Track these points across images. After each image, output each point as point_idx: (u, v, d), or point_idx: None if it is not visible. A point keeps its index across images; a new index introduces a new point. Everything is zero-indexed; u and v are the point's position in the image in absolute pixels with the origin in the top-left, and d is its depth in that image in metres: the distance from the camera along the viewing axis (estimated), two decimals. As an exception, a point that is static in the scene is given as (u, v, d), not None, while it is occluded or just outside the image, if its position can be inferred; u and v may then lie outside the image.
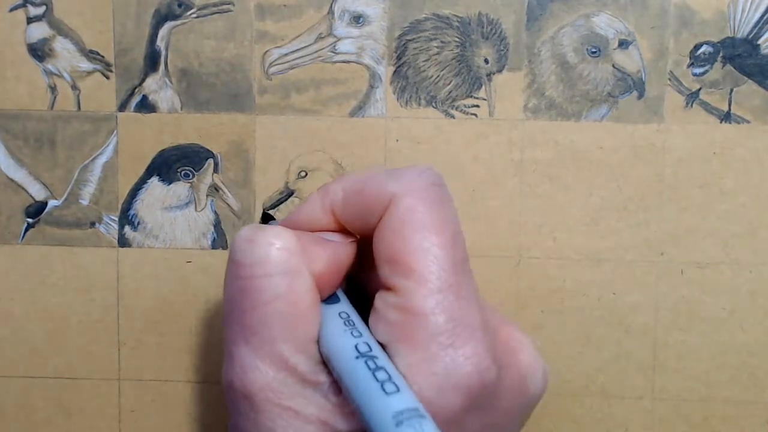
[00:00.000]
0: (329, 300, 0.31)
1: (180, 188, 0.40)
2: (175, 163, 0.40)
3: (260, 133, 0.40)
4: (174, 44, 0.40)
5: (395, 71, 0.39)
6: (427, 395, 0.28)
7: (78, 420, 0.41)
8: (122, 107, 0.40)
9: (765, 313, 0.39)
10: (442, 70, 0.39)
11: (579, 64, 0.39)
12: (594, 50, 0.39)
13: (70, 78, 0.40)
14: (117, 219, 0.40)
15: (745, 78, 0.38)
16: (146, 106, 0.40)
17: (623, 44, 0.39)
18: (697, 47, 0.38)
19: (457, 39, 0.39)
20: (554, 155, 0.39)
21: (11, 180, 0.41)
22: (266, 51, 0.39)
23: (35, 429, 0.41)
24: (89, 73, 0.40)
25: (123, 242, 0.40)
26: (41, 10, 0.40)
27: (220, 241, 0.40)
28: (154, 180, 0.40)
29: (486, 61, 0.39)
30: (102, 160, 0.40)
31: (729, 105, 0.38)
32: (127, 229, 0.40)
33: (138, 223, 0.40)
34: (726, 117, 0.38)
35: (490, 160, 0.39)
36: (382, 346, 0.29)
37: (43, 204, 0.41)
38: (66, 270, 0.41)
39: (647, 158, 0.39)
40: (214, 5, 0.39)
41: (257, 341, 0.29)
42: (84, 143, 0.40)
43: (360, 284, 0.33)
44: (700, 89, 0.39)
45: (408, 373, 0.28)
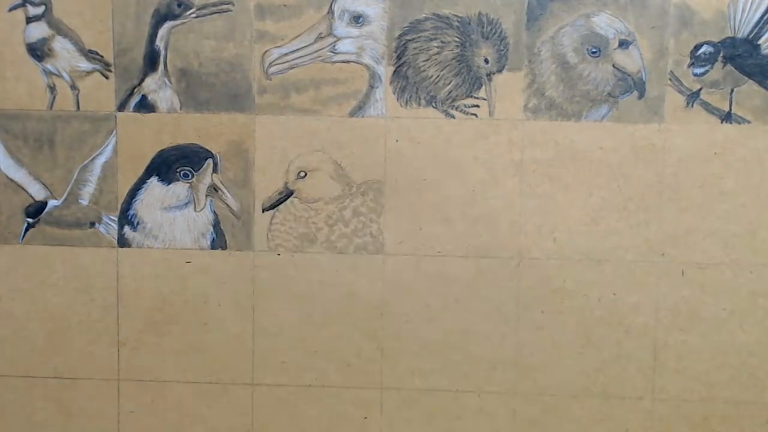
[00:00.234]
0: None
1: (179, 188, 0.40)
2: (175, 163, 0.40)
3: (260, 133, 0.40)
4: (173, 44, 0.40)
5: (395, 71, 0.39)
6: None
7: (78, 420, 0.41)
8: (121, 107, 0.40)
9: (765, 314, 0.39)
10: (442, 70, 0.39)
11: (579, 64, 0.39)
12: (594, 50, 0.39)
13: (70, 78, 0.40)
14: (116, 219, 0.40)
15: (746, 78, 0.38)
16: (145, 106, 0.40)
17: (623, 44, 0.38)
18: (698, 47, 0.38)
19: (457, 39, 0.39)
20: (554, 155, 0.39)
21: (11, 180, 0.41)
22: (266, 51, 0.39)
23: (35, 429, 0.41)
24: (88, 73, 0.40)
25: (123, 242, 0.40)
26: (40, 10, 0.40)
27: (220, 242, 0.40)
28: (154, 180, 0.40)
29: (486, 61, 0.39)
30: (101, 160, 0.40)
31: (730, 105, 0.38)
32: (127, 230, 0.40)
33: (137, 223, 0.40)
34: (727, 117, 0.38)
35: (490, 160, 0.39)
36: None
37: (43, 204, 0.41)
38: (66, 270, 0.41)
39: (647, 158, 0.39)
40: (214, 5, 0.39)
41: None
42: (83, 143, 0.40)
43: None
44: (701, 89, 0.38)
45: None
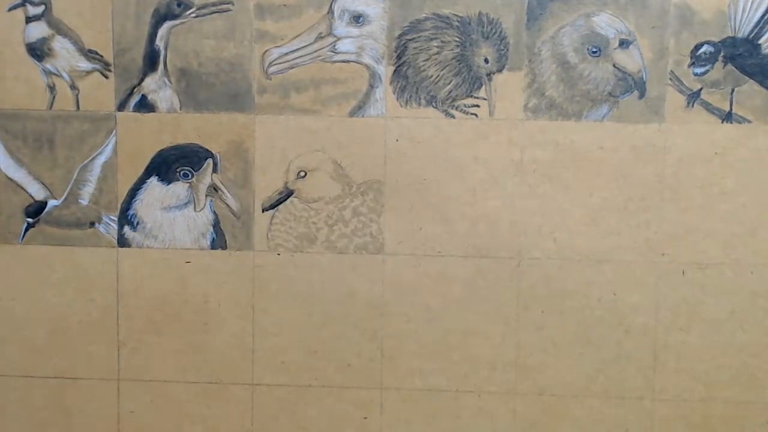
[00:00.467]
0: None
1: (179, 188, 0.40)
2: (175, 163, 0.40)
3: (260, 133, 0.40)
4: (173, 44, 0.40)
5: (395, 71, 0.39)
6: None
7: (78, 420, 0.41)
8: (121, 107, 0.40)
9: (765, 314, 0.39)
10: (442, 70, 0.39)
11: (579, 64, 0.39)
12: (594, 50, 0.39)
13: (69, 77, 0.40)
14: (116, 219, 0.40)
15: (746, 78, 0.38)
16: (145, 106, 0.40)
17: (624, 44, 0.38)
18: (698, 47, 0.38)
19: (457, 39, 0.39)
20: (554, 155, 0.39)
21: (11, 180, 0.41)
22: (266, 50, 0.39)
23: (35, 429, 0.41)
24: (88, 73, 0.40)
25: (122, 242, 0.40)
26: (40, 10, 0.40)
27: (220, 242, 0.40)
28: (153, 180, 0.40)
29: (486, 61, 0.39)
30: (101, 160, 0.40)
31: (730, 105, 0.38)
32: (127, 229, 0.40)
33: (137, 223, 0.40)
34: (727, 117, 0.38)
35: (490, 160, 0.39)
36: None
37: (43, 204, 0.41)
38: (66, 270, 0.41)
39: (648, 158, 0.39)
40: (214, 5, 0.39)
41: None
42: (83, 143, 0.40)
43: None
44: (701, 89, 0.38)
45: None
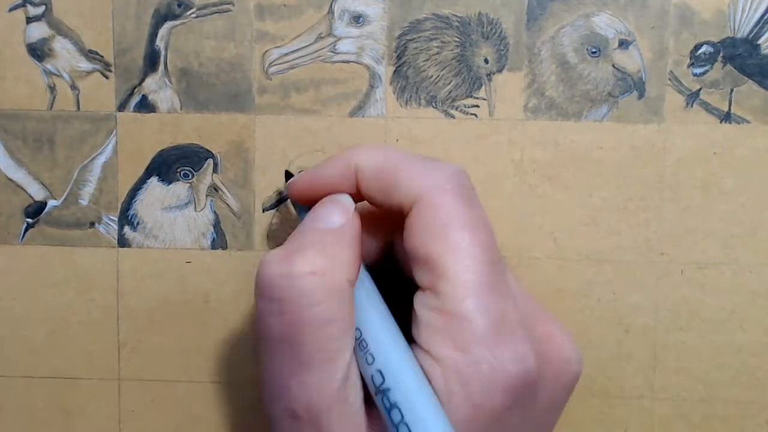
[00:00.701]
0: None
1: (179, 188, 0.40)
2: (175, 163, 0.40)
3: (260, 133, 0.40)
4: (173, 44, 0.40)
5: (395, 71, 0.39)
6: (476, 399, 0.28)
7: (78, 420, 0.41)
8: (122, 107, 0.40)
9: (765, 313, 0.39)
10: (442, 70, 0.39)
11: (579, 64, 0.39)
12: (594, 50, 0.39)
13: (70, 78, 0.40)
14: (116, 219, 0.40)
15: (746, 78, 0.38)
16: (146, 106, 0.40)
17: (623, 44, 0.38)
18: (698, 47, 0.38)
19: (457, 39, 0.39)
20: (554, 155, 0.39)
21: (10, 180, 0.41)
22: (266, 51, 0.39)
23: (35, 429, 0.41)
24: (89, 73, 0.40)
25: (122, 242, 0.40)
26: (40, 10, 0.40)
27: (220, 242, 0.40)
28: (154, 180, 0.40)
29: (486, 61, 0.39)
30: (101, 160, 0.40)
31: (729, 105, 0.38)
32: (127, 230, 0.40)
33: (137, 223, 0.40)
34: (726, 117, 0.38)
35: (490, 160, 0.39)
36: (421, 349, 0.29)
37: (43, 204, 0.41)
38: (66, 270, 0.41)
39: (647, 158, 0.39)
40: (214, 5, 0.39)
41: (319, 363, 0.28)
42: (83, 143, 0.40)
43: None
44: (701, 89, 0.39)
45: (456, 380, 0.28)
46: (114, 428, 0.41)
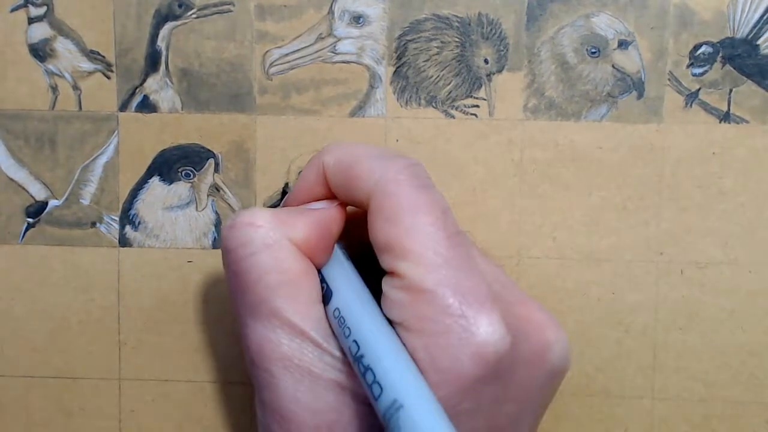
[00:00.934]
0: (324, 299, 0.32)
1: (181, 188, 0.40)
2: (176, 163, 0.40)
3: (261, 133, 0.40)
4: (174, 44, 0.40)
5: (395, 71, 0.39)
6: (444, 365, 0.29)
7: (78, 420, 0.41)
8: (123, 107, 0.40)
9: (765, 313, 0.39)
10: (442, 70, 0.39)
11: (579, 65, 0.39)
12: (594, 50, 0.39)
13: (71, 78, 0.40)
14: (118, 219, 0.41)
15: (745, 78, 0.38)
16: (147, 106, 0.40)
17: (623, 44, 0.39)
18: (697, 47, 0.38)
19: (457, 39, 0.39)
20: (554, 155, 0.39)
21: (12, 180, 0.41)
22: (267, 51, 0.40)
23: (35, 429, 0.41)
24: (90, 73, 0.40)
25: (124, 242, 0.41)
26: (42, 11, 0.40)
27: (221, 241, 0.40)
28: (155, 180, 0.40)
29: (486, 61, 0.39)
30: (103, 160, 0.40)
31: (728, 105, 0.39)
32: (128, 229, 0.40)
33: (139, 223, 0.40)
34: (725, 117, 0.39)
35: (490, 160, 0.39)
36: (397, 325, 0.30)
37: (44, 204, 0.41)
38: (66, 270, 0.41)
39: (647, 158, 0.39)
40: (215, 5, 0.40)
41: (263, 316, 0.30)
42: (85, 143, 0.40)
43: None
44: (700, 89, 0.39)
45: (425, 350, 0.29)
46: (114, 428, 0.41)
